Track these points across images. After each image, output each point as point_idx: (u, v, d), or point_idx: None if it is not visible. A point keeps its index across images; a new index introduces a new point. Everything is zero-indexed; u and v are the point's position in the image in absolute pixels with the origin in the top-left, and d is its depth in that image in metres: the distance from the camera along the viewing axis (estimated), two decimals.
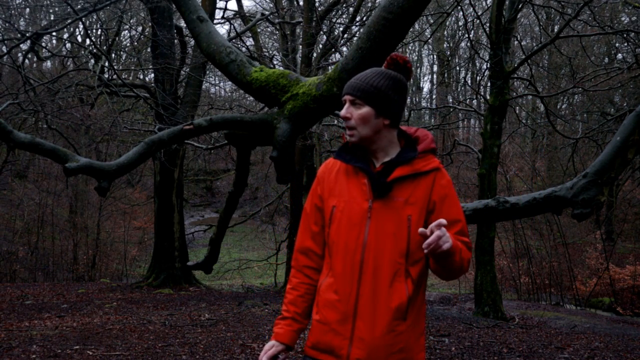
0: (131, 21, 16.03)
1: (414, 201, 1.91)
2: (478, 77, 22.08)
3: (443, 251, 1.68)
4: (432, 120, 28.47)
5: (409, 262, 1.90)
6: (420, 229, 1.71)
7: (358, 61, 3.37)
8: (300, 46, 13.67)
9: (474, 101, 26.28)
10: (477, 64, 23.24)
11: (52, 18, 13.70)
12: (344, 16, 16.74)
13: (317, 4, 14.22)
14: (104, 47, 13.18)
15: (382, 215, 1.89)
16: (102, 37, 14.46)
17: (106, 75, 11.50)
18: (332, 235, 1.93)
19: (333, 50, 13.92)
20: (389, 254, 1.88)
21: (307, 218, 2.06)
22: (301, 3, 15.11)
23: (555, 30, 15.81)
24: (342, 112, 1.93)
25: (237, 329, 7.08)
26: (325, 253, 2.00)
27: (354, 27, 14.63)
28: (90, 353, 5.42)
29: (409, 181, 1.92)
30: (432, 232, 1.70)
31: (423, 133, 2.03)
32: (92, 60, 12.70)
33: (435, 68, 33.59)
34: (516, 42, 14.57)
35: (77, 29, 16.65)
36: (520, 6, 11.89)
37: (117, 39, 15.48)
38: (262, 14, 14.30)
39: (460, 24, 25.04)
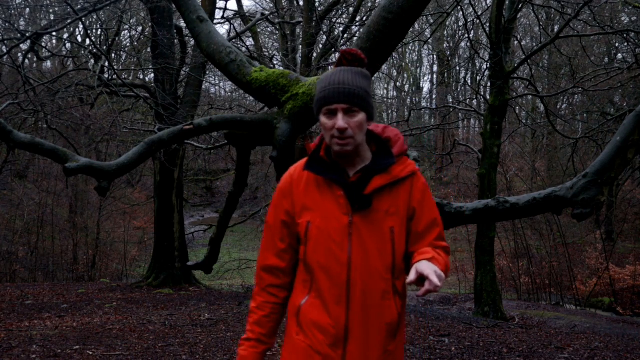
0: (131, 21, 16.03)
1: (394, 211, 1.82)
2: (478, 77, 22.09)
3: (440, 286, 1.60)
4: (432, 120, 28.47)
5: (395, 277, 1.83)
6: (409, 279, 1.62)
7: None
8: (300, 46, 13.67)
9: (474, 101, 26.28)
10: (477, 64, 23.25)
11: (52, 18, 13.70)
12: (344, 16, 16.74)
13: (317, 4, 14.22)
14: (104, 47, 13.18)
15: (363, 230, 1.78)
16: (102, 37, 14.46)
17: (106, 75, 11.50)
18: (310, 255, 1.80)
19: (333, 50, 13.92)
20: (376, 272, 1.79)
21: (271, 234, 1.91)
22: (301, 3, 15.12)
23: (555, 30, 15.81)
24: (340, 124, 1.76)
25: (237, 329, 7.08)
26: (301, 271, 1.86)
27: (354, 27, 14.63)
28: (90, 353, 5.42)
29: (387, 189, 1.82)
30: (417, 274, 1.62)
31: (393, 133, 1.92)
32: (92, 60, 12.69)
33: (435, 68, 33.62)
34: (516, 42, 14.58)
35: (77, 29, 16.66)
36: (520, 6, 11.89)
37: (117, 39, 15.48)
38: (262, 14, 14.31)
39: (460, 24, 25.05)
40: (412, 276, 1.63)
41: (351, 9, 15.58)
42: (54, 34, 13.20)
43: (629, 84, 13.34)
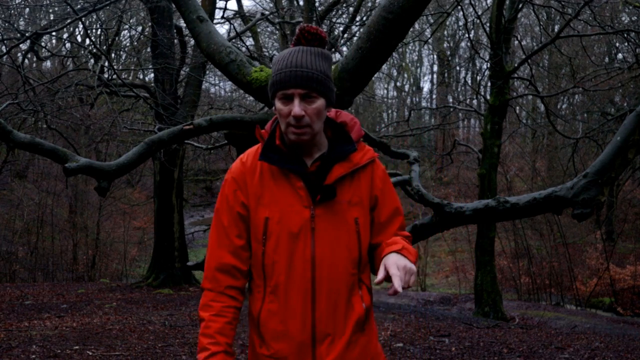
0: (131, 21, 16.02)
1: (357, 200, 1.68)
2: (478, 77, 22.10)
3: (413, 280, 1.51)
4: (432, 120, 28.47)
5: (361, 270, 1.70)
6: (378, 278, 1.51)
7: (358, 61, 3.36)
8: None
9: (474, 101, 26.28)
10: (477, 64, 23.25)
11: (51, 18, 13.69)
12: (344, 16, 16.74)
13: (317, 4, 14.21)
14: (104, 47, 13.17)
15: (327, 223, 1.64)
16: (102, 37, 14.45)
17: (106, 75, 11.49)
18: (270, 253, 1.63)
19: (333, 50, 13.92)
20: (343, 267, 1.65)
21: (223, 230, 1.70)
22: (301, 3, 15.11)
23: (556, 30, 15.81)
24: (296, 110, 1.59)
25: (237, 329, 7.06)
26: (254, 273, 1.70)
27: (354, 27, 14.63)
28: (90, 353, 5.41)
29: (348, 179, 1.68)
30: (385, 272, 1.51)
31: (348, 117, 1.77)
32: (92, 60, 12.69)
33: (435, 68, 33.62)
34: (516, 42, 14.57)
35: (76, 29, 16.65)
36: (520, 6, 11.89)
37: (117, 38, 15.48)
38: (262, 14, 14.29)
39: (460, 24, 25.04)
40: (380, 275, 1.51)
41: (351, 8, 15.57)
42: (53, 33, 13.20)
43: (630, 84, 13.34)
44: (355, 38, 14.28)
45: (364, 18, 14.68)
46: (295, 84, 1.59)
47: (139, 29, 16.72)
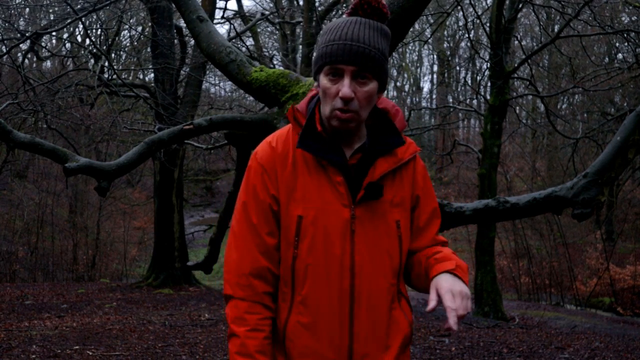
0: (131, 21, 16.01)
1: (399, 201, 1.48)
2: (478, 77, 22.07)
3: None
4: (432, 120, 28.47)
5: (400, 280, 1.51)
6: (430, 307, 1.30)
7: None
8: (300, 46, 13.66)
9: (474, 101, 26.28)
10: (477, 64, 23.23)
11: (51, 18, 13.69)
12: (344, 16, 16.73)
13: (317, 4, 14.21)
14: (104, 47, 13.16)
15: (368, 226, 1.43)
16: (102, 37, 14.45)
17: (106, 75, 11.49)
18: (303, 257, 1.41)
19: None
20: (383, 277, 1.45)
21: (253, 227, 1.45)
22: (301, 3, 15.11)
23: (556, 30, 15.80)
24: (345, 90, 1.37)
25: None
26: (280, 279, 1.47)
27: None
28: (90, 353, 5.41)
29: (390, 175, 1.47)
30: (437, 299, 1.33)
31: (390, 104, 1.55)
32: (92, 60, 12.68)
33: (435, 68, 33.60)
34: (516, 42, 14.57)
35: (76, 29, 16.64)
36: (520, 6, 11.90)
37: (117, 39, 15.46)
38: (262, 14, 14.30)
39: (460, 24, 25.03)
40: (432, 303, 1.32)
41: None
42: (53, 33, 13.20)
43: (629, 84, 13.33)
44: None
45: None
46: (348, 59, 1.37)
47: (139, 29, 16.72)
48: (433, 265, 1.43)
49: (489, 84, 13.53)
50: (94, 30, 15.54)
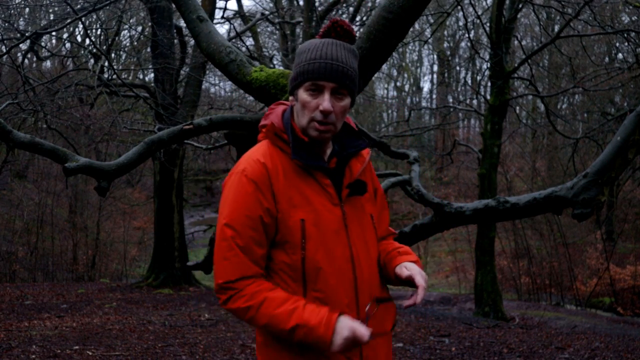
0: (131, 21, 16.01)
1: (369, 196, 1.67)
2: (478, 77, 22.10)
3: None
4: (432, 120, 28.46)
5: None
6: (421, 285, 1.52)
7: (358, 61, 3.35)
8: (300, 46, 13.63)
9: (474, 101, 26.27)
10: (477, 64, 23.24)
11: (51, 18, 13.68)
12: (344, 16, 16.73)
13: (317, 4, 14.21)
14: (104, 47, 13.17)
15: (355, 221, 1.60)
16: (102, 37, 14.45)
17: (106, 75, 11.49)
18: (312, 257, 1.52)
19: None
20: (374, 266, 1.63)
21: (243, 238, 1.51)
22: (301, 3, 15.11)
23: (556, 30, 15.80)
24: (326, 105, 1.51)
25: (237, 329, 7.07)
26: (287, 280, 1.55)
27: (354, 27, 14.61)
28: (90, 353, 5.41)
29: (362, 173, 1.67)
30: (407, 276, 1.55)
31: None
32: (92, 60, 12.69)
33: (435, 68, 33.59)
34: (516, 42, 14.56)
35: (76, 29, 16.64)
36: (520, 6, 11.89)
37: (116, 38, 15.46)
38: (262, 14, 14.29)
39: (460, 24, 25.04)
40: (422, 286, 1.53)
41: (351, 8, 15.57)
42: (53, 33, 13.19)
43: (630, 84, 13.33)
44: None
45: (364, 18, 14.67)
46: (329, 76, 1.52)
47: (139, 29, 16.72)
48: (396, 257, 1.64)
49: (489, 84, 13.53)
50: (93, 30, 15.54)
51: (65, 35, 14.36)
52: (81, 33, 17.18)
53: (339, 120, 1.56)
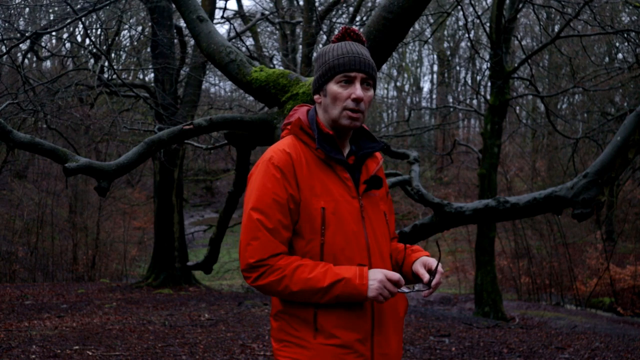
0: (131, 21, 16.00)
1: (382, 195, 1.82)
2: (478, 77, 22.08)
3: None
4: (432, 120, 28.46)
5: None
6: (437, 280, 1.73)
7: None
8: (300, 46, 13.66)
9: (474, 101, 26.27)
10: (477, 64, 23.21)
11: (51, 18, 13.68)
12: (344, 16, 16.73)
13: (317, 4, 14.21)
14: (104, 47, 13.17)
15: (371, 214, 1.74)
16: (102, 37, 14.45)
17: (106, 75, 11.48)
18: (330, 243, 1.63)
19: None
20: (388, 258, 1.76)
21: (270, 222, 1.62)
22: (301, 3, 15.11)
23: (556, 30, 15.80)
24: (358, 92, 1.66)
25: (237, 329, 7.07)
26: None
27: (353, 27, 14.61)
28: (90, 353, 5.41)
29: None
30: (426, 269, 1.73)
31: None
32: (92, 60, 12.68)
33: (435, 68, 33.57)
34: (516, 42, 14.56)
35: (76, 29, 16.62)
36: (520, 6, 11.89)
37: (116, 38, 15.47)
38: (262, 14, 14.28)
39: (460, 23, 25.03)
40: (437, 277, 1.72)
41: (351, 8, 15.56)
42: (53, 33, 13.19)
43: (630, 84, 13.33)
44: None
45: (364, 18, 14.66)
46: (359, 67, 1.67)
47: (139, 29, 16.71)
48: (410, 254, 1.80)
49: (489, 84, 13.53)
50: (93, 30, 15.55)
51: (65, 35, 14.35)
52: (81, 33, 17.18)
53: (366, 109, 1.70)
